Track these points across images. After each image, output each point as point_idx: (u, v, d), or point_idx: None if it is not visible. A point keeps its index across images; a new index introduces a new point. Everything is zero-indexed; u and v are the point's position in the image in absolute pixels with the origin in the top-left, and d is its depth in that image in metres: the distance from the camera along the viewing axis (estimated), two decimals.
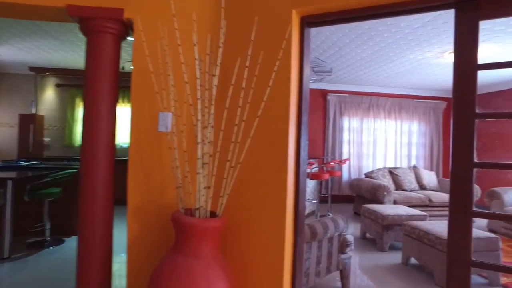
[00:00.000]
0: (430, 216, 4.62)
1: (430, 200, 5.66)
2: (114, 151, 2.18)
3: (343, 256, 2.78)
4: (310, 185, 5.61)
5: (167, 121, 2.16)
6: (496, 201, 5.49)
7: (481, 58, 1.56)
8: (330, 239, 2.65)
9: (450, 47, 4.52)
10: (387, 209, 4.38)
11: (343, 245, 2.75)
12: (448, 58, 4.94)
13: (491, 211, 5.26)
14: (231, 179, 1.82)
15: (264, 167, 1.90)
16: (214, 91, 1.68)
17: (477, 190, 5.85)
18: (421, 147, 7.82)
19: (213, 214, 1.91)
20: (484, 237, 3.32)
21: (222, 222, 1.85)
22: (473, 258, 1.71)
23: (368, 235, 4.62)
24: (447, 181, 6.61)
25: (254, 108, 1.80)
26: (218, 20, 1.88)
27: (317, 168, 5.64)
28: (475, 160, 1.69)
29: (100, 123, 2.10)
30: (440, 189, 6.46)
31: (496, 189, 5.56)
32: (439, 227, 3.40)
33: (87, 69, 2.10)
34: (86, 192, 2.08)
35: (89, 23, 2.04)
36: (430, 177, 6.57)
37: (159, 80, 1.81)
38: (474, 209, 1.70)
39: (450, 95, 7.95)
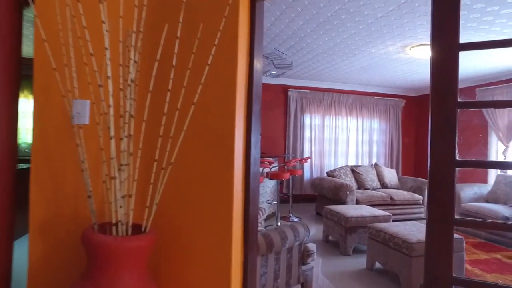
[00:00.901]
0: (393, 215, 4.47)
1: (392, 199, 5.55)
2: (14, 155, 1.67)
3: (304, 267, 2.46)
4: (270, 185, 5.29)
5: (84, 110, 1.69)
6: None
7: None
8: (290, 250, 2.31)
9: (412, 41, 4.39)
10: (350, 210, 4.15)
11: (304, 255, 2.42)
12: (410, 53, 4.82)
13: (472, 218, 5.21)
14: (160, 184, 1.40)
15: (203, 169, 1.51)
16: (132, 68, 1.26)
17: None
18: (381, 144, 7.79)
19: (139, 230, 1.48)
20: None
21: (150, 239, 1.43)
22: (454, 275, 1.44)
23: (330, 237, 4.37)
24: (407, 178, 6.58)
25: (189, 92, 1.40)
26: None
27: (277, 167, 5.32)
28: (457, 157, 1.41)
29: None
30: (400, 186, 6.41)
31: None
32: (405, 229, 3.19)
33: None
34: None
35: None
36: (391, 175, 6.51)
37: (59, 53, 1.33)
38: (456, 216, 1.43)
39: (409, 93, 8.02)
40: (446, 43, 1.44)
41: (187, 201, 1.55)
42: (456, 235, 3.25)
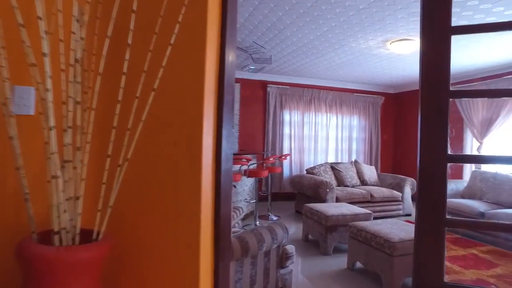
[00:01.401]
0: (372, 212, 4.39)
1: (371, 196, 5.50)
2: None
3: (282, 271, 2.30)
4: (248, 183, 5.12)
5: (28, 99, 1.46)
6: None
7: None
8: (267, 253, 2.14)
9: (392, 35, 4.32)
10: (331, 208, 4.04)
11: (283, 258, 2.27)
12: (390, 48, 4.76)
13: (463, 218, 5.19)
14: (116, 184, 1.20)
15: (167, 165, 1.31)
16: (76, 45, 1.05)
17: (413, 183, 5.83)
18: (361, 141, 7.77)
19: (89, 238, 1.27)
20: None
21: (103, 248, 1.21)
22: (445, 280, 1.32)
23: (310, 237, 4.25)
24: (386, 175, 6.57)
25: (149, 77, 1.20)
26: None
27: (255, 165, 5.16)
28: (450, 152, 1.28)
29: None
30: (380, 183, 6.39)
31: None
32: (387, 228, 3.10)
33: None
34: None
35: None
36: (370, 172, 6.48)
37: None
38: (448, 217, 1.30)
39: (388, 91, 8.04)
40: (438, 26, 1.30)
41: (148, 203, 1.35)
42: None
